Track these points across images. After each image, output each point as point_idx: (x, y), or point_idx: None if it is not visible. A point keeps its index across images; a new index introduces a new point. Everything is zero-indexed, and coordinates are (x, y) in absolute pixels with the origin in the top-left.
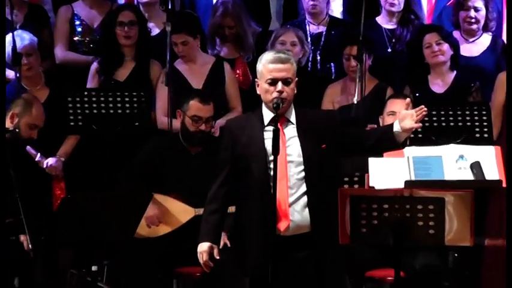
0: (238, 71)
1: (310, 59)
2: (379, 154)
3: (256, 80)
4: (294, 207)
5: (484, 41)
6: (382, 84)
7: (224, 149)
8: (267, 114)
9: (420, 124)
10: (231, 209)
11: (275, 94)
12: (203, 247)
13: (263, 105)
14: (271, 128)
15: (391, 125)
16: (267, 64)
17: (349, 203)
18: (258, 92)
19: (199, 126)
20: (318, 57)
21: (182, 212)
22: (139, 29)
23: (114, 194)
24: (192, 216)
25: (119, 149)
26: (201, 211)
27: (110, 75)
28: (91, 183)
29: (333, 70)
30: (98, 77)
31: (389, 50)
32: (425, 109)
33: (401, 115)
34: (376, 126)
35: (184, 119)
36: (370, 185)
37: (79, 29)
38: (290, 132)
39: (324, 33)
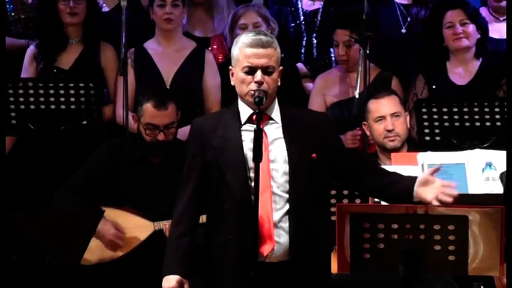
0: (214, 46)
1: (304, 43)
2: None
3: (230, 67)
4: (281, 226)
5: None
6: (385, 74)
7: (192, 155)
8: (245, 111)
9: (440, 205)
10: (202, 218)
11: (253, 86)
12: (171, 282)
13: (239, 99)
14: (250, 127)
15: (412, 181)
16: (244, 48)
17: (349, 222)
18: (232, 83)
19: (156, 136)
20: (314, 42)
21: (139, 228)
22: (88, 4)
23: (56, 212)
24: (151, 232)
25: (62, 154)
26: (161, 225)
27: (52, 61)
28: (27, 197)
29: (333, 57)
30: (35, 64)
31: (403, 30)
32: (456, 193)
33: (424, 178)
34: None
35: (139, 126)
36: (375, 199)
37: (10, 5)
38: (273, 132)
39: (320, 10)
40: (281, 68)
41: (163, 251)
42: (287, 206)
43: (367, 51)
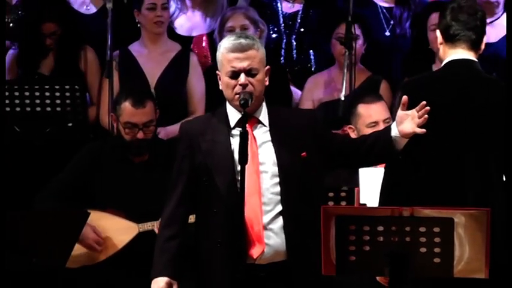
0: (194, 46)
1: (283, 45)
2: (372, 165)
3: (217, 72)
4: (271, 228)
5: (505, 22)
6: (375, 77)
7: (181, 158)
8: (233, 115)
9: (424, 130)
10: (191, 218)
11: (238, 89)
12: (159, 283)
13: (227, 103)
14: (239, 131)
15: (388, 129)
16: (226, 53)
17: (334, 225)
18: (220, 87)
19: (135, 135)
20: (294, 43)
21: (123, 229)
22: (64, 29)
23: (42, 213)
24: (135, 233)
25: (48, 156)
26: (145, 226)
27: (34, 67)
28: (13, 199)
29: (313, 60)
30: (16, 68)
31: (387, 33)
32: (428, 108)
33: (399, 116)
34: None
35: (118, 125)
36: (361, 201)
37: None
38: (262, 136)
39: (300, 12)
40: (268, 67)
41: (148, 251)
42: (278, 208)
43: (363, 52)
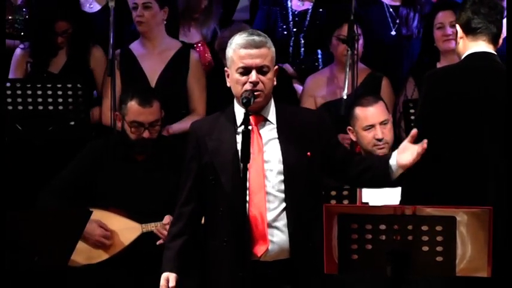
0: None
1: (291, 43)
2: (361, 188)
3: (226, 69)
4: (275, 226)
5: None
6: (376, 74)
7: (190, 158)
8: (240, 113)
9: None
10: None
11: (248, 86)
12: (161, 280)
13: (235, 101)
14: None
15: (387, 158)
16: (238, 49)
17: (336, 223)
18: (228, 84)
19: (141, 134)
20: (302, 41)
21: (127, 229)
22: (76, 28)
23: (44, 212)
24: (138, 234)
25: (50, 154)
26: (149, 227)
27: (43, 66)
28: (15, 198)
29: (320, 58)
30: (25, 66)
31: (393, 32)
32: (425, 146)
33: (403, 146)
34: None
35: (124, 124)
36: (363, 200)
37: None
38: (269, 133)
39: (310, 10)
40: (276, 67)
41: (150, 251)
42: (282, 205)
43: (363, 50)
